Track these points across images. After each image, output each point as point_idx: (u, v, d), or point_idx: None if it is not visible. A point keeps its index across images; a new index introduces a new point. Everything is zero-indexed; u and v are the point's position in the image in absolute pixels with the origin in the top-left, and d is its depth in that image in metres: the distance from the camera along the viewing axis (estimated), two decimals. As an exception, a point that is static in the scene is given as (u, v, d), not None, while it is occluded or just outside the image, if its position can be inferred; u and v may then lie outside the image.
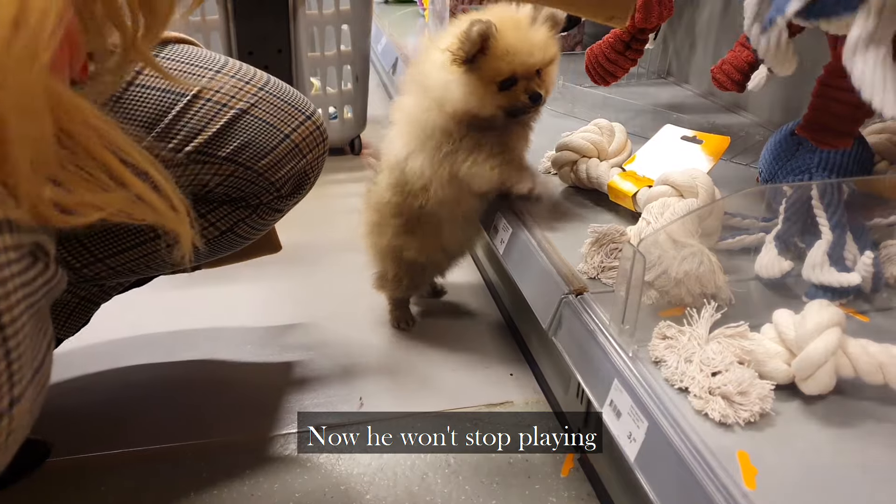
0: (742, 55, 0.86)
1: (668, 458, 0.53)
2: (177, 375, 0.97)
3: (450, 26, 0.83)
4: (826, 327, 0.53)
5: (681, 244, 0.68)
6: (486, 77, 0.77)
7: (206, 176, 0.73)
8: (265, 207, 0.77)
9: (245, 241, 0.79)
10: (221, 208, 0.76)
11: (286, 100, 0.77)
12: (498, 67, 0.77)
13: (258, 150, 0.74)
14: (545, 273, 0.76)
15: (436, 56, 0.79)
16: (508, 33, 0.76)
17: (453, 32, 0.78)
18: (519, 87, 0.79)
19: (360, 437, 0.86)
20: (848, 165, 0.80)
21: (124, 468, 0.81)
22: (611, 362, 0.62)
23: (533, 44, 0.78)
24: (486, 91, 0.78)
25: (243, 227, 0.77)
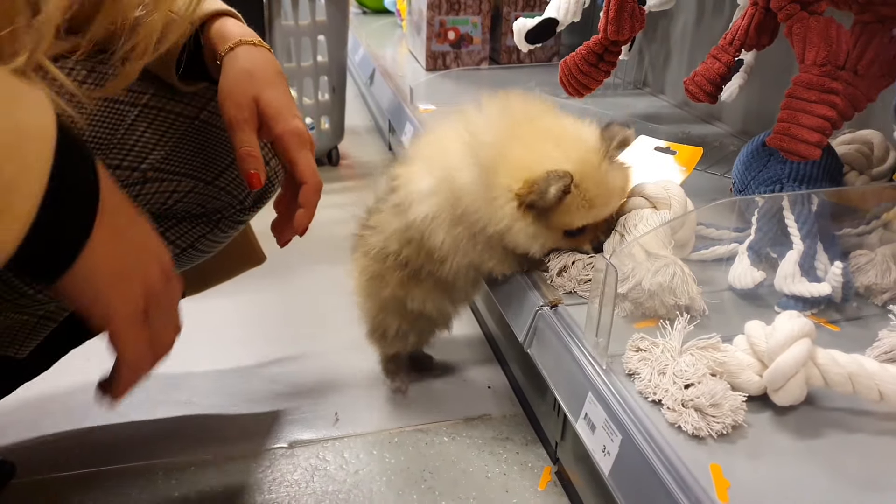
0: (714, 67, 0.87)
1: (641, 472, 0.53)
2: (147, 392, 0.94)
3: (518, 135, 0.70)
4: (796, 338, 0.54)
5: (654, 256, 0.68)
6: (556, 226, 0.69)
7: (165, 194, 0.68)
8: (227, 221, 0.74)
9: (206, 255, 0.76)
10: (181, 225, 0.71)
11: None
12: (570, 221, 0.69)
13: (218, 164, 0.70)
14: (521, 286, 0.76)
15: (503, 180, 0.67)
16: (588, 184, 0.67)
17: (519, 161, 0.67)
18: (587, 236, 0.72)
19: (334, 453, 0.84)
20: (818, 176, 0.81)
21: (90, 487, 0.79)
22: (585, 375, 0.62)
23: (612, 194, 0.70)
24: (550, 237, 0.70)
25: (205, 242, 0.74)
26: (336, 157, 1.70)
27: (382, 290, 0.81)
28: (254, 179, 0.61)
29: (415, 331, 0.86)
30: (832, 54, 0.66)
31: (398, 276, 0.79)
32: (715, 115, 1.32)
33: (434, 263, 0.75)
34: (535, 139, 0.69)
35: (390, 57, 1.90)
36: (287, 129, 0.62)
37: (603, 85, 1.49)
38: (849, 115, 0.73)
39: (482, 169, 0.69)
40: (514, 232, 0.68)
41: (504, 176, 0.67)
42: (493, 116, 0.73)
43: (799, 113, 0.68)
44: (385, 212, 0.78)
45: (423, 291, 0.80)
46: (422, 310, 0.82)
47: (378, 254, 0.80)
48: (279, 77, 0.64)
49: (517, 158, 0.68)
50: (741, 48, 0.84)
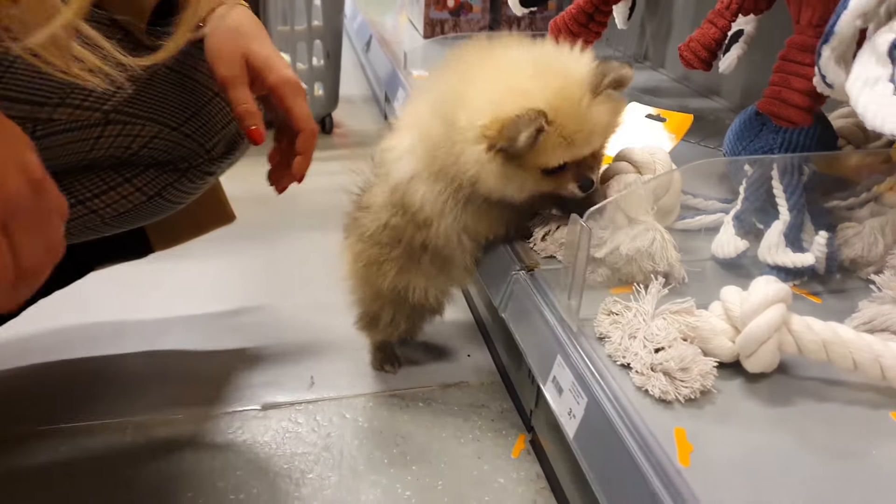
0: (710, 32, 0.84)
1: (605, 435, 0.51)
2: (124, 351, 0.93)
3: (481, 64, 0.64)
4: (770, 303, 0.52)
5: (634, 221, 0.66)
6: (531, 166, 0.63)
7: (128, 138, 0.67)
8: (195, 171, 0.72)
9: (175, 206, 0.75)
10: (148, 172, 0.70)
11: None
12: (546, 160, 0.63)
13: (185, 110, 0.69)
14: (499, 252, 0.74)
15: (465, 123, 0.62)
16: (565, 120, 0.61)
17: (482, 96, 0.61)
18: (568, 174, 0.65)
19: (307, 416, 0.84)
20: (810, 146, 0.78)
21: (58, 443, 0.78)
22: (555, 337, 0.60)
23: (593, 130, 0.63)
24: (527, 178, 0.64)
25: (172, 191, 0.72)
26: (330, 125, 1.67)
27: (381, 279, 0.76)
28: (255, 135, 0.63)
29: (409, 319, 0.81)
30: (829, 14, 0.63)
31: (396, 259, 0.74)
32: (714, 89, 1.29)
33: (421, 229, 0.71)
34: (500, 73, 0.63)
35: (390, 25, 1.87)
36: (280, 79, 0.63)
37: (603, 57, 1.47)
38: (843, 80, 0.70)
39: (443, 113, 0.64)
40: (484, 176, 0.63)
41: (464, 113, 0.62)
42: (455, 60, 0.68)
43: (791, 76, 0.66)
44: (377, 187, 0.75)
45: (423, 277, 0.75)
46: (424, 300, 0.76)
47: (373, 235, 0.74)
48: (262, 31, 0.66)
49: (479, 93, 0.62)
50: (738, 12, 0.81)
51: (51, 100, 0.63)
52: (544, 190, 0.66)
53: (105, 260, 0.87)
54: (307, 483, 0.74)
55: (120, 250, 0.85)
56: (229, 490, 0.73)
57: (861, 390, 0.55)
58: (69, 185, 0.69)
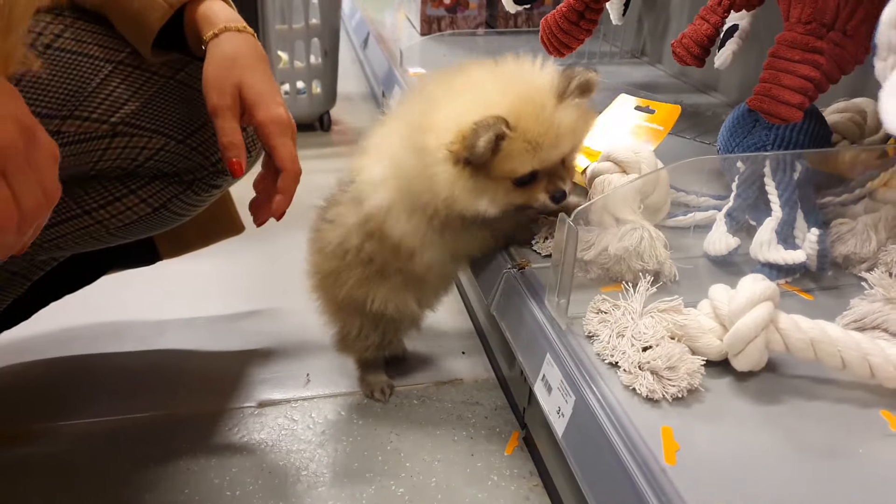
0: (702, 28, 0.84)
1: (592, 434, 0.52)
2: (123, 350, 0.94)
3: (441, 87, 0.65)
4: (757, 301, 0.52)
5: (621, 220, 0.66)
6: (498, 176, 0.62)
7: (135, 150, 0.68)
8: (200, 183, 0.73)
9: (180, 219, 0.75)
10: (153, 184, 0.71)
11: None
12: (513, 168, 0.61)
13: (191, 123, 0.69)
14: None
15: (434, 145, 0.61)
16: (528, 124, 0.60)
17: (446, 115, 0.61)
18: (539, 185, 0.64)
19: (303, 413, 0.84)
20: (804, 143, 0.78)
21: (56, 441, 0.79)
22: (545, 336, 0.60)
23: (559, 133, 0.61)
24: (498, 191, 0.62)
25: (177, 203, 0.72)
26: (328, 122, 1.68)
27: (337, 289, 0.75)
28: (236, 167, 0.63)
29: (378, 331, 0.79)
30: (818, 11, 0.63)
31: (358, 273, 0.73)
32: (710, 84, 1.29)
33: (402, 260, 0.70)
34: (460, 94, 0.63)
35: (388, 22, 1.86)
36: (268, 117, 0.62)
37: (599, 53, 1.46)
38: (835, 77, 0.70)
39: (413, 142, 0.64)
40: (457, 194, 0.61)
41: (432, 137, 0.61)
42: (419, 89, 0.69)
43: (781, 73, 0.66)
44: (343, 204, 0.73)
45: (387, 290, 0.74)
46: (383, 311, 0.75)
47: (335, 250, 0.73)
48: (262, 62, 0.64)
49: (444, 114, 0.62)
50: (730, 8, 0.80)
51: (60, 112, 0.64)
52: (516, 202, 0.64)
53: (113, 266, 0.87)
54: (302, 480, 0.75)
55: (128, 257, 0.85)
56: (225, 487, 0.74)
57: (850, 388, 0.54)
58: (76, 195, 0.69)
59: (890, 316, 0.55)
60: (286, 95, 1.59)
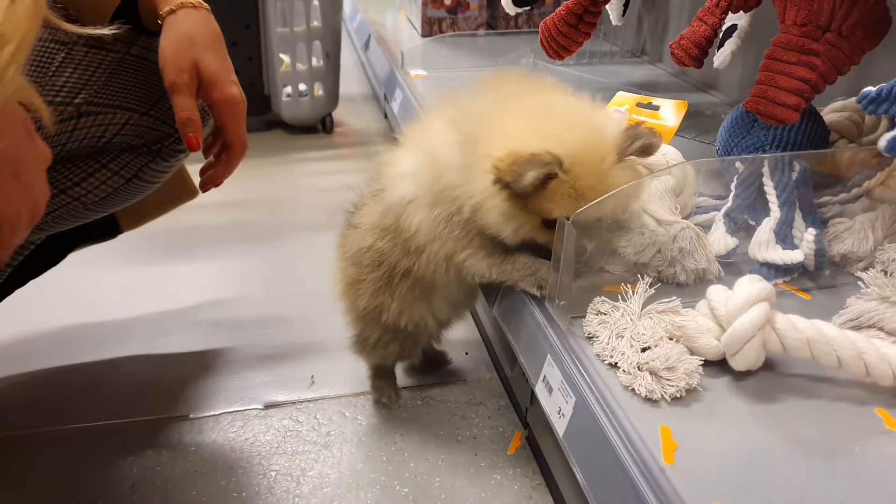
0: (700, 30, 0.84)
1: (592, 434, 0.52)
2: (127, 353, 0.95)
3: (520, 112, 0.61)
4: (754, 302, 0.53)
5: (663, 222, 0.67)
6: (534, 211, 0.59)
7: (101, 127, 0.70)
8: (167, 150, 0.75)
9: (153, 186, 0.77)
10: (122, 156, 0.73)
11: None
12: (549, 209, 0.59)
13: (151, 94, 0.71)
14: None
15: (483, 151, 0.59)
16: (582, 171, 0.57)
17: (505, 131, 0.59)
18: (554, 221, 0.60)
19: (308, 415, 0.85)
20: (801, 143, 0.79)
21: (60, 445, 0.80)
22: (545, 338, 0.61)
23: (608, 191, 0.58)
24: (526, 223, 0.60)
25: (148, 171, 0.75)
26: (330, 124, 1.69)
27: (358, 299, 0.75)
28: (192, 142, 0.66)
29: (398, 342, 0.78)
30: (814, 14, 0.64)
31: (373, 280, 0.72)
32: (711, 83, 1.29)
33: (410, 256, 0.68)
34: (531, 112, 0.61)
35: (389, 23, 1.87)
36: (223, 97, 0.66)
37: (601, 53, 1.47)
38: (831, 78, 0.70)
39: (464, 140, 0.62)
40: (486, 209, 0.60)
41: (486, 144, 0.59)
42: (484, 92, 0.66)
43: (777, 75, 0.66)
44: (368, 203, 0.72)
45: (397, 301, 0.72)
46: (397, 323, 0.74)
47: (356, 254, 0.73)
48: (218, 41, 0.67)
49: (504, 129, 0.60)
50: (727, 10, 0.81)
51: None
52: (538, 240, 0.62)
53: (77, 244, 0.88)
54: (307, 481, 0.76)
55: (90, 233, 0.87)
56: (231, 488, 0.75)
57: (847, 387, 0.55)
58: (49, 176, 0.71)
59: (885, 315, 0.56)
60: (288, 98, 1.60)
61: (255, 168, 1.50)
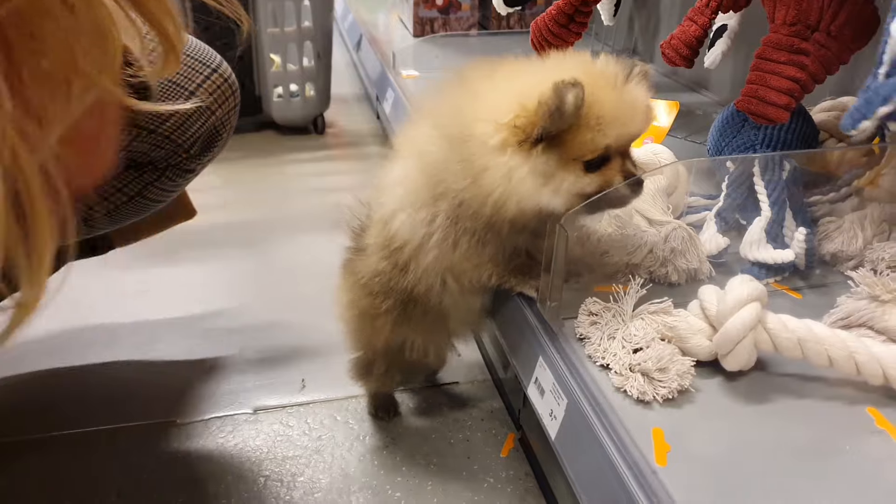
0: (690, 30, 0.84)
1: (584, 436, 0.52)
2: (116, 357, 0.94)
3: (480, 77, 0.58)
4: (745, 302, 0.52)
5: (655, 222, 0.67)
6: (571, 156, 0.54)
7: None
8: (175, 169, 0.73)
9: (157, 205, 0.76)
10: (127, 173, 0.71)
11: (188, 53, 0.72)
12: (590, 141, 0.54)
13: (162, 112, 0.70)
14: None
15: (485, 131, 0.54)
16: (604, 94, 0.54)
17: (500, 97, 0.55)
18: (613, 167, 0.56)
19: (299, 419, 0.84)
20: (791, 142, 0.79)
21: (49, 451, 0.79)
22: (537, 340, 0.61)
23: (635, 107, 0.56)
24: (567, 176, 0.54)
25: (153, 190, 0.73)
26: (322, 125, 1.68)
27: (375, 334, 0.69)
28: None
29: (404, 372, 0.75)
30: (803, 13, 0.64)
31: (389, 312, 0.66)
32: (702, 83, 1.29)
33: (404, 272, 0.63)
34: (519, 74, 0.56)
35: (381, 23, 1.86)
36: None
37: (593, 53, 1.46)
38: (821, 77, 0.70)
39: (452, 131, 0.57)
40: (516, 185, 0.53)
41: (482, 124, 0.54)
42: (457, 78, 0.62)
43: (768, 75, 0.66)
44: (374, 229, 0.66)
45: (421, 333, 0.68)
46: (423, 357, 0.70)
47: (366, 284, 0.66)
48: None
49: (495, 98, 0.55)
50: (717, 10, 0.81)
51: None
52: (587, 190, 0.55)
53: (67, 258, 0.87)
54: (298, 486, 0.75)
55: (83, 248, 0.86)
56: (220, 495, 0.74)
57: (838, 386, 0.55)
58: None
59: (875, 313, 0.56)
60: (279, 99, 1.59)
61: (247, 169, 1.49)
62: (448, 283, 0.62)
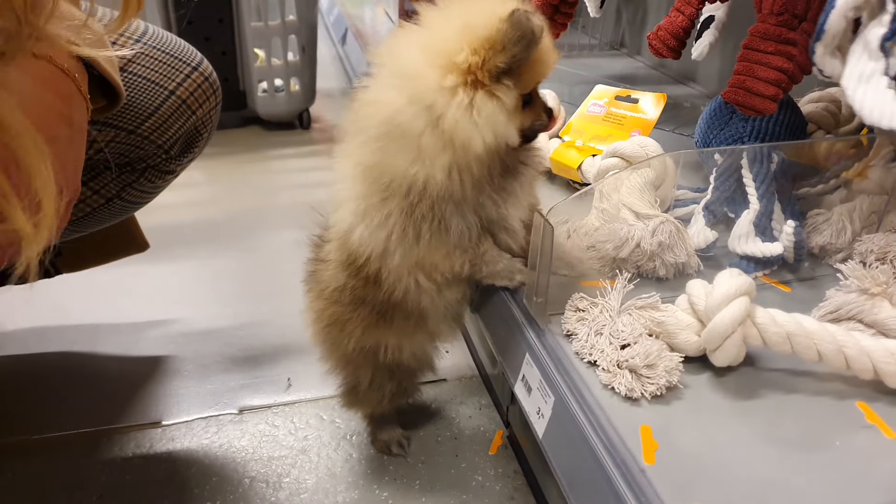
0: (678, 21, 0.83)
1: (572, 434, 0.51)
2: (99, 356, 0.93)
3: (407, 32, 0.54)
4: (733, 297, 0.52)
5: (642, 215, 0.66)
6: (521, 90, 0.53)
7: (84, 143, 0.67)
8: (154, 170, 0.72)
9: (136, 207, 0.74)
10: (105, 174, 0.69)
11: (168, 51, 0.70)
12: (536, 75, 0.54)
13: (140, 111, 0.68)
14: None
15: (428, 76, 0.51)
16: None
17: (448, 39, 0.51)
18: (538, 102, 0.57)
19: (285, 419, 0.83)
20: (780, 134, 0.78)
21: (33, 454, 0.77)
22: (523, 336, 0.60)
23: (553, 48, 0.56)
24: (517, 110, 0.54)
25: (131, 192, 0.71)
26: (307, 119, 1.66)
27: (345, 340, 0.65)
28: None
29: (393, 380, 0.69)
30: (790, 3, 0.63)
31: (363, 319, 0.63)
32: (689, 75, 1.29)
33: (378, 285, 0.60)
34: (446, 20, 0.53)
35: (367, 17, 1.84)
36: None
37: (579, 45, 1.45)
38: (808, 68, 0.69)
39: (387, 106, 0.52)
40: (490, 115, 0.51)
41: (427, 73, 0.51)
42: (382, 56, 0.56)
43: (755, 65, 0.65)
44: (334, 242, 0.63)
45: (395, 335, 0.65)
46: (399, 360, 0.67)
47: (333, 294, 0.64)
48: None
49: (431, 47, 0.51)
50: (704, 0, 0.80)
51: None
52: (524, 125, 0.55)
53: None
54: (284, 487, 0.74)
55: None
56: (205, 497, 0.72)
57: (828, 380, 0.55)
58: None
59: (864, 306, 0.55)
60: (264, 93, 1.57)
61: (231, 165, 1.46)
62: (421, 282, 0.60)
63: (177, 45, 0.72)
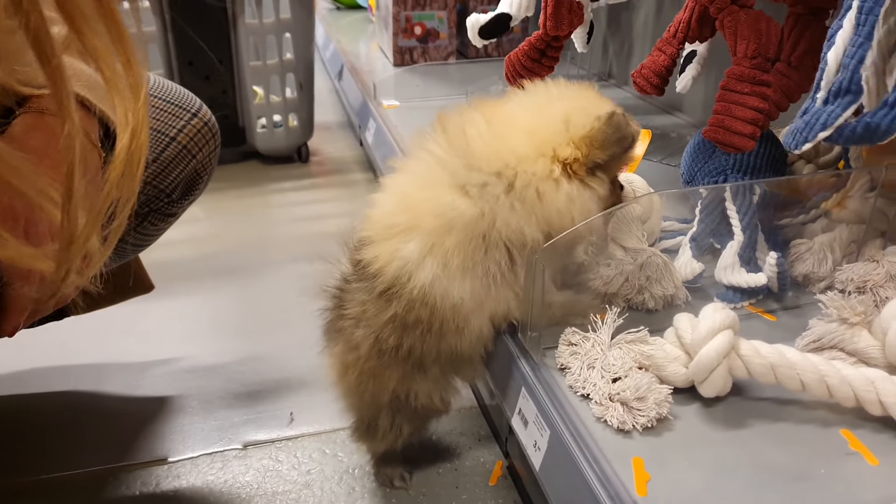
0: (660, 59, 0.87)
1: (567, 467, 0.53)
2: (103, 395, 0.94)
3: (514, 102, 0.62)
4: (718, 330, 0.54)
5: (630, 250, 0.68)
6: (610, 176, 0.62)
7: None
8: (157, 214, 0.74)
9: (139, 249, 0.76)
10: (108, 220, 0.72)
11: (168, 99, 0.73)
12: (622, 167, 0.64)
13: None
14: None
15: (540, 166, 0.57)
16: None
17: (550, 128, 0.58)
18: (616, 183, 0.65)
19: (288, 453, 0.85)
20: (761, 166, 0.81)
21: (36, 496, 0.78)
22: (519, 370, 0.62)
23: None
24: (607, 198, 0.62)
25: (135, 235, 0.74)
26: (306, 153, 1.69)
27: (380, 391, 0.66)
28: None
29: (412, 421, 0.70)
30: (762, 46, 0.66)
31: (400, 372, 0.64)
32: (676, 105, 1.32)
33: (451, 335, 0.61)
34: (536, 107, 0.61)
35: (362, 53, 1.89)
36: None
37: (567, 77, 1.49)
38: (784, 105, 0.73)
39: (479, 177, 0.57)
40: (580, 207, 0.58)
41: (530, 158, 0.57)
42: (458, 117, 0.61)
43: (733, 105, 0.69)
44: (369, 303, 0.62)
45: (430, 384, 0.66)
46: (429, 404, 0.67)
47: (371, 350, 0.64)
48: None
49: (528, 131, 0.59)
50: (685, 40, 0.84)
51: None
52: (606, 206, 0.62)
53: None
54: (288, 522, 0.75)
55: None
56: (211, 534, 0.74)
57: (812, 408, 0.57)
58: None
59: (845, 336, 0.58)
60: (263, 129, 1.61)
61: (231, 200, 1.49)
62: (486, 331, 0.62)
63: (176, 93, 0.75)
